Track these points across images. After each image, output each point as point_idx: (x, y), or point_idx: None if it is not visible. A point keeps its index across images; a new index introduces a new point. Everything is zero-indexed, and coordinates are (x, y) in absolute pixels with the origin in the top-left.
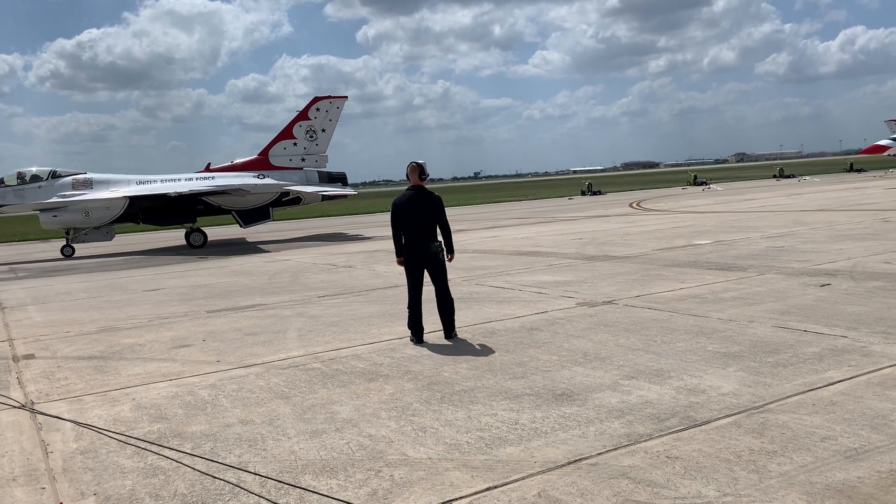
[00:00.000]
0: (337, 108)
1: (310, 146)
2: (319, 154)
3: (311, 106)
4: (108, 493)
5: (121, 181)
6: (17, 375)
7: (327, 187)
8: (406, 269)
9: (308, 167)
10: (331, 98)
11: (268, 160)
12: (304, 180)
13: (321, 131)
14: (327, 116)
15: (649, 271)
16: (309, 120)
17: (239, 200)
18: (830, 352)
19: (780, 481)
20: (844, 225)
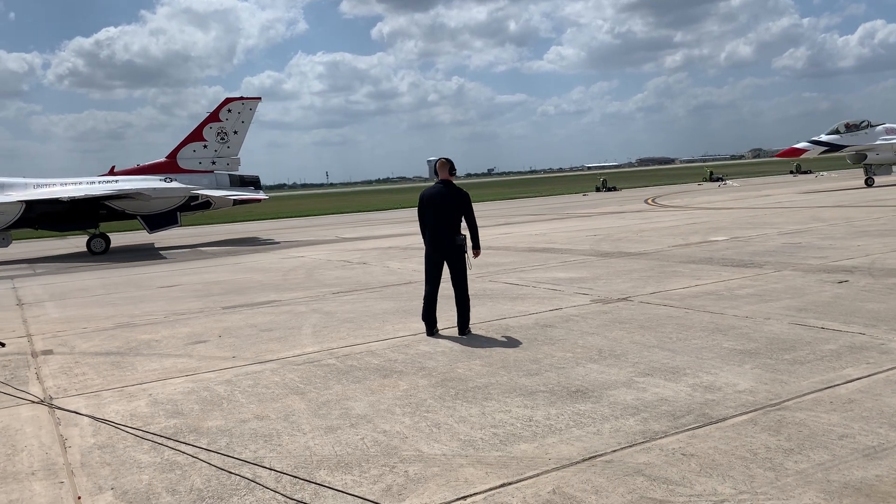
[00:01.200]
0: (250, 109)
1: (221, 148)
2: (231, 157)
3: (222, 107)
4: (126, 488)
5: (16, 184)
6: (36, 371)
7: (239, 191)
8: (426, 261)
9: (219, 170)
10: (243, 99)
11: (176, 163)
12: (214, 184)
13: (233, 133)
14: (239, 118)
15: (664, 268)
16: (220, 121)
17: (144, 205)
18: (848, 349)
19: (797, 479)
20: (862, 221)
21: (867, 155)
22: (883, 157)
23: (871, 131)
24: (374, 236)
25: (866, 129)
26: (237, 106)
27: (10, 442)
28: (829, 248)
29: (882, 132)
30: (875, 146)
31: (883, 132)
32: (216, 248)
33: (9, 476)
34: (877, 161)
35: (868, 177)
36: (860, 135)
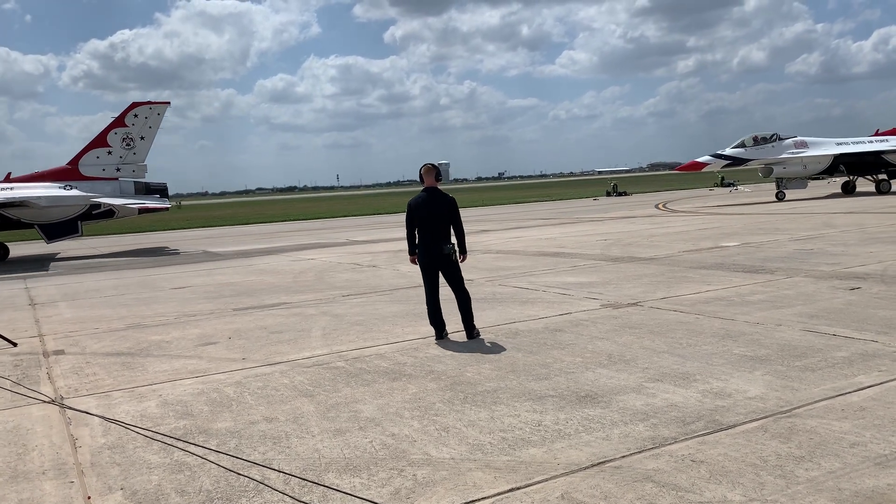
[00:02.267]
0: (158, 114)
1: (126, 155)
2: (137, 163)
3: (128, 112)
4: (135, 488)
5: None
6: (48, 371)
7: (143, 200)
8: (421, 269)
9: (124, 177)
10: (151, 104)
11: (77, 170)
12: (118, 191)
13: (139, 139)
14: (146, 123)
15: (675, 273)
16: (126, 127)
17: (40, 213)
18: (860, 356)
19: (807, 487)
20: (875, 227)
21: (774, 168)
22: (790, 170)
23: (779, 144)
24: (384, 239)
25: (774, 142)
26: (144, 111)
27: (22, 441)
28: (841, 254)
29: (791, 145)
30: (782, 160)
31: (791, 145)
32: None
33: (20, 475)
34: (784, 175)
35: (779, 191)
36: (766, 148)
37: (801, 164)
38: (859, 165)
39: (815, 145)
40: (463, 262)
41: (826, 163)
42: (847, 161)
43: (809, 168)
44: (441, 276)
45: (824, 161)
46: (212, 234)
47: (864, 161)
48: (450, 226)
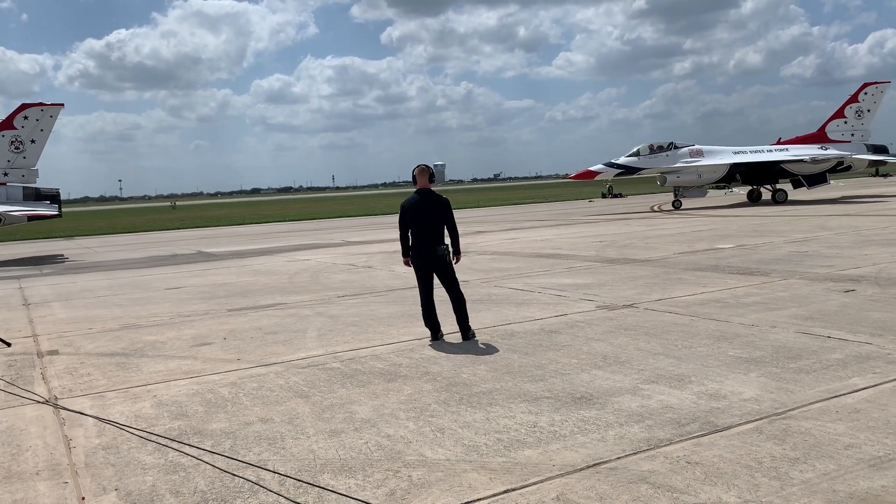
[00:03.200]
0: (50, 116)
1: (15, 159)
2: (28, 168)
3: (17, 113)
4: (130, 489)
5: None
6: (42, 371)
7: (31, 206)
8: (415, 270)
9: (12, 182)
10: (42, 105)
11: None
12: (4, 197)
13: (30, 142)
14: (38, 126)
15: (670, 275)
16: (15, 129)
17: None
18: (854, 358)
19: (802, 489)
20: (869, 230)
21: (667, 177)
22: (685, 179)
23: (674, 153)
24: (379, 240)
25: (669, 150)
26: (35, 112)
27: (15, 442)
28: (835, 256)
29: (686, 154)
30: (676, 168)
31: (686, 154)
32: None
33: (13, 476)
34: (678, 184)
35: (676, 199)
36: (661, 157)
37: (695, 173)
38: (756, 174)
39: (711, 154)
40: (457, 263)
41: (722, 172)
42: (743, 170)
43: (704, 177)
44: (436, 278)
45: (720, 170)
46: (207, 234)
47: (760, 170)
48: (443, 227)
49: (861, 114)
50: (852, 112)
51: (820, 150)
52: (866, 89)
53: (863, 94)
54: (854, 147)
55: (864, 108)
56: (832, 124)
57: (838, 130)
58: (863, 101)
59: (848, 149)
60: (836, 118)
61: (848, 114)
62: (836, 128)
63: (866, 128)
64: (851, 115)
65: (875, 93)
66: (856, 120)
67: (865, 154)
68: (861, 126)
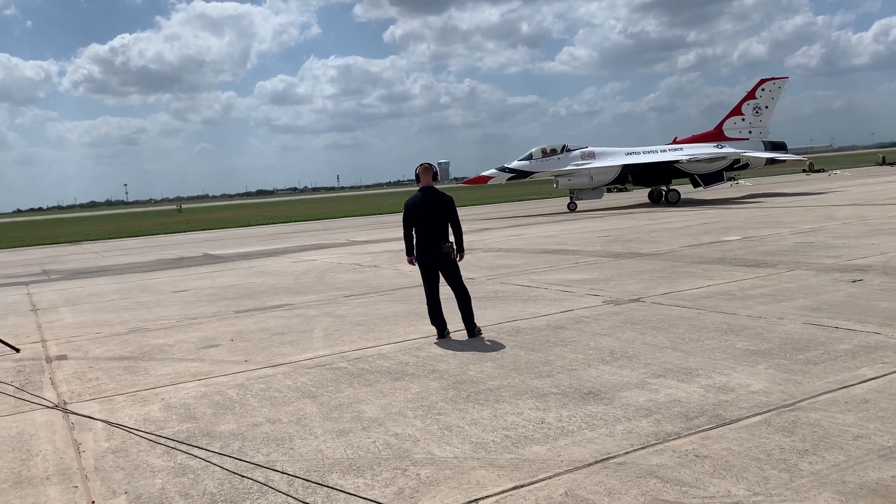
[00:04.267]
0: None
1: None
2: None
3: None
4: (139, 492)
5: None
6: (50, 376)
7: None
8: (420, 269)
9: None
10: None
11: None
12: None
13: None
14: None
15: (677, 268)
16: None
17: None
18: (863, 349)
19: (811, 480)
20: (876, 219)
21: (559, 180)
22: (576, 182)
23: (566, 156)
24: (385, 239)
25: (562, 153)
26: None
27: (25, 447)
28: (842, 246)
29: (577, 157)
30: (568, 171)
31: (578, 157)
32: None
33: (24, 481)
34: (570, 186)
35: (571, 201)
36: (552, 160)
37: (587, 175)
38: (648, 175)
39: (602, 156)
40: (461, 261)
41: (614, 174)
42: (635, 171)
43: (596, 179)
44: (441, 276)
45: (612, 172)
46: (213, 236)
47: (653, 171)
48: (447, 225)
49: (759, 110)
50: (750, 109)
51: (715, 149)
52: (763, 85)
53: (760, 90)
54: (751, 144)
55: (762, 104)
56: (729, 122)
57: (735, 128)
58: (760, 98)
59: (745, 146)
60: (734, 115)
61: (745, 111)
62: (733, 125)
63: (764, 124)
64: (749, 111)
65: (773, 89)
66: (754, 117)
67: (762, 151)
68: (759, 123)
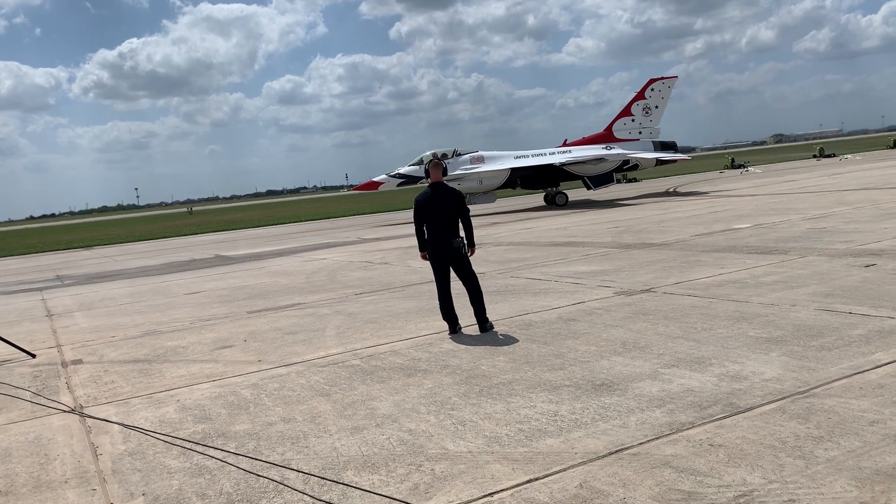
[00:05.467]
0: None
1: None
2: None
3: None
4: (157, 493)
5: None
6: (67, 380)
7: None
8: (431, 264)
9: None
10: None
11: None
12: None
13: None
14: None
15: (687, 258)
16: None
17: None
18: (877, 333)
19: (827, 467)
20: (889, 203)
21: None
22: (466, 186)
23: (455, 161)
24: (394, 236)
25: (451, 158)
26: None
27: (44, 451)
28: (854, 231)
29: (467, 161)
30: (458, 176)
31: (468, 161)
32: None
33: (43, 485)
34: (462, 190)
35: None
36: None
37: (476, 179)
38: (537, 178)
39: (492, 160)
40: (472, 255)
41: (503, 177)
42: (524, 175)
43: (486, 183)
44: (452, 271)
45: (501, 176)
46: (224, 238)
47: (542, 174)
48: (458, 220)
49: (649, 111)
50: (640, 109)
51: (604, 151)
52: (653, 85)
53: (649, 90)
54: (641, 145)
55: (652, 104)
56: (619, 122)
57: (625, 129)
58: (650, 98)
59: (635, 147)
60: (623, 116)
61: (635, 111)
62: (623, 126)
63: (655, 125)
64: (639, 112)
65: (662, 89)
66: (643, 117)
67: (652, 152)
68: (649, 123)
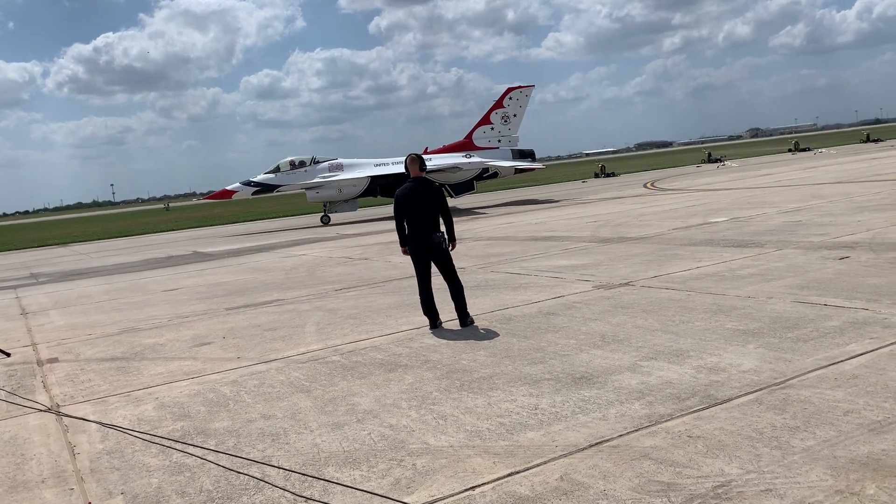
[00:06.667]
0: None
1: None
2: None
3: None
4: (136, 492)
5: None
6: (42, 379)
7: None
8: (412, 259)
9: None
10: None
11: None
12: None
13: None
14: None
15: (665, 251)
16: None
17: None
18: (851, 325)
19: (803, 457)
20: (862, 196)
21: (308, 193)
22: (325, 194)
23: (313, 169)
24: (374, 231)
25: (309, 166)
26: None
27: (20, 451)
28: (829, 224)
29: (325, 169)
30: (316, 184)
31: (326, 169)
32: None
33: (19, 485)
34: (320, 199)
35: (324, 214)
36: (299, 173)
37: (335, 187)
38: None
39: (351, 168)
40: (452, 250)
41: (362, 185)
42: (384, 183)
43: (345, 192)
44: (434, 266)
45: (360, 184)
46: (202, 234)
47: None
48: (438, 215)
49: (507, 119)
50: (498, 118)
51: (463, 159)
52: (511, 94)
53: (507, 98)
54: (500, 153)
55: (510, 112)
56: (479, 131)
57: (485, 137)
58: (508, 107)
59: (494, 155)
60: (483, 125)
61: (494, 119)
62: (482, 134)
63: (513, 133)
64: (498, 120)
65: (520, 97)
66: (502, 125)
67: (510, 160)
68: (508, 131)
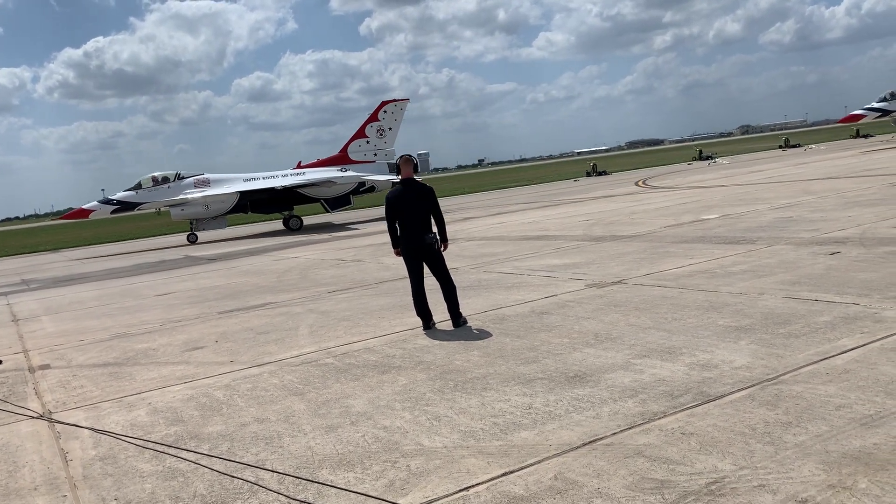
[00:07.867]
0: None
1: None
2: None
3: None
4: (129, 498)
5: None
6: (34, 386)
7: None
8: (405, 261)
9: None
10: None
11: None
12: None
13: None
14: None
15: (657, 249)
16: None
17: None
18: (842, 320)
19: (796, 452)
20: (852, 192)
21: (172, 211)
22: (191, 212)
23: (178, 185)
24: (367, 233)
25: (173, 182)
26: None
27: (12, 458)
28: (820, 220)
29: (191, 185)
30: (180, 201)
31: (192, 185)
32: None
33: (11, 493)
34: (186, 217)
35: (191, 233)
36: (163, 189)
37: (202, 204)
38: (270, 202)
39: (218, 183)
40: (445, 250)
41: (231, 201)
42: (254, 199)
43: (213, 208)
44: (426, 267)
45: (229, 200)
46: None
47: (275, 197)
48: (430, 215)
49: (383, 132)
50: (374, 131)
51: (338, 173)
52: (385, 107)
53: (382, 112)
54: (376, 167)
55: (386, 126)
56: (354, 144)
57: (361, 151)
58: (383, 120)
59: (371, 169)
60: (358, 138)
61: (369, 133)
62: (358, 148)
63: (389, 146)
64: (373, 134)
65: (395, 110)
66: (378, 139)
67: (387, 174)
68: (384, 145)
